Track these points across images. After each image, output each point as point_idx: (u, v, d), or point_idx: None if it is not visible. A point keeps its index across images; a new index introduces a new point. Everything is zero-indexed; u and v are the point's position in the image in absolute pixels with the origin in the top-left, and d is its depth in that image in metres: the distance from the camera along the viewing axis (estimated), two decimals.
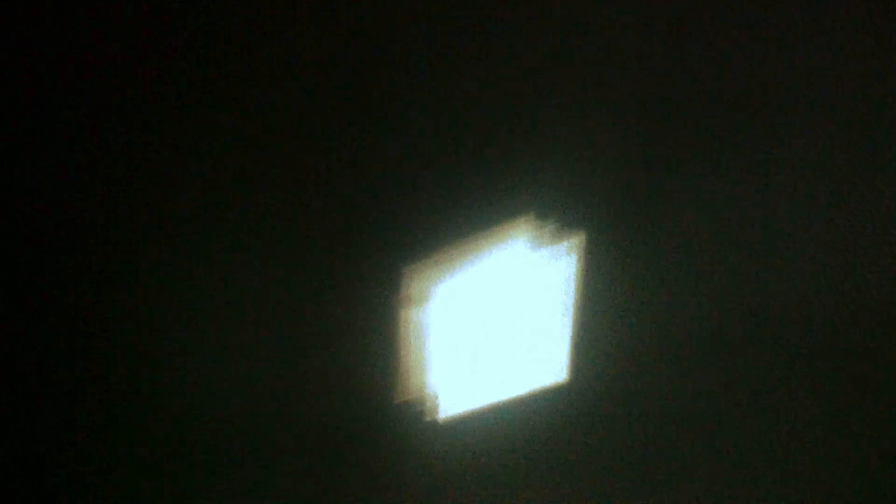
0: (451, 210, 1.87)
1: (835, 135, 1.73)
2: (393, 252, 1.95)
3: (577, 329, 2.09)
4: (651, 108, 1.69)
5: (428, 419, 2.33)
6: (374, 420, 2.34)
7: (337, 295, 2.03)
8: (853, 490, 2.53)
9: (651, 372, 2.21)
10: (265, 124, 1.72)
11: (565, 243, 1.92)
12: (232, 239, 1.92)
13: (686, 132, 1.73)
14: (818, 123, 1.71)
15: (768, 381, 2.23)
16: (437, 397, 2.26)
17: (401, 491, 2.57)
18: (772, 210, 1.86)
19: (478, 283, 1.99)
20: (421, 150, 1.77)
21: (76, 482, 2.52)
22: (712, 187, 1.82)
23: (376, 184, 1.83)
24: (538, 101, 1.69)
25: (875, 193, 1.82)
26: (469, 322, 2.07)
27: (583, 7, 1.55)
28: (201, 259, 1.96)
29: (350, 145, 1.76)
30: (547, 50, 1.61)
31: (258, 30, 1.60)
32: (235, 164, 1.79)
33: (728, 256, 1.95)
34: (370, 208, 1.87)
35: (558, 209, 1.87)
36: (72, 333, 2.11)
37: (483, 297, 2.02)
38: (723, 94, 1.67)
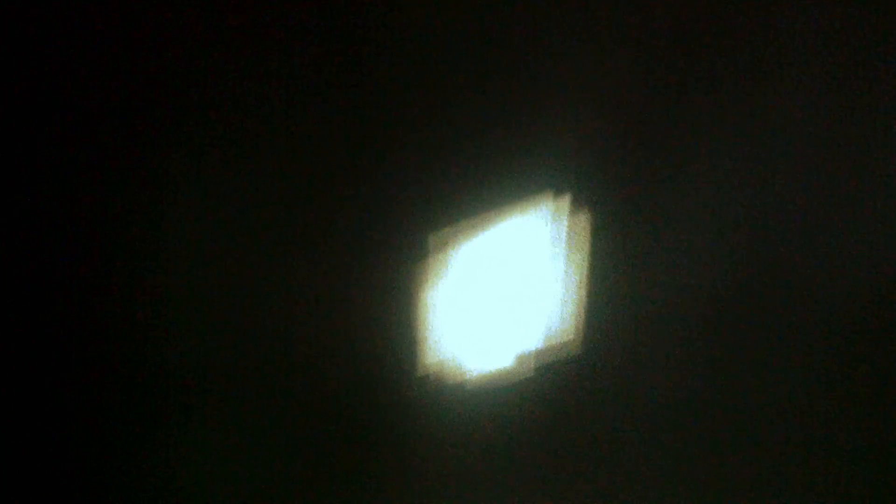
0: (467, 184, 1.89)
1: (838, 105, 1.73)
2: (406, 228, 1.97)
3: (588, 297, 2.12)
4: (655, 77, 1.69)
5: (444, 386, 2.37)
6: (393, 387, 2.39)
7: (359, 269, 2.07)
8: (853, 460, 2.56)
9: (659, 340, 2.23)
10: (295, 100, 1.74)
11: (575, 214, 1.94)
12: (259, 211, 1.95)
13: (690, 101, 1.73)
14: (822, 94, 1.71)
15: (774, 348, 2.25)
16: (453, 364, 2.30)
17: (413, 456, 2.62)
18: (775, 181, 1.86)
19: (490, 255, 2.02)
20: (433, 128, 1.78)
21: (79, 444, 2.60)
22: (717, 155, 1.83)
23: (394, 164, 1.85)
24: (546, 82, 1.69)
25: (879, 167, 1.82)
26: (480, 292, 2.10)
27: None
28: (229, 232, 1.99)
29: (375, 134, 1.78)
30: (548, 30, 1.61)
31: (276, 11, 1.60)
32: (267, 139, 1.81)
33: (733, 222, 1.96)
34: (391, 186, 1.89)
35: (567, 180, 1.88)
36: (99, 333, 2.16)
37: (494, 268, 2.05)
38: (725, 64, 1.66)
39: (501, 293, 2.10)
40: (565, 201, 1.91)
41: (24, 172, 1.84)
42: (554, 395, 2.40)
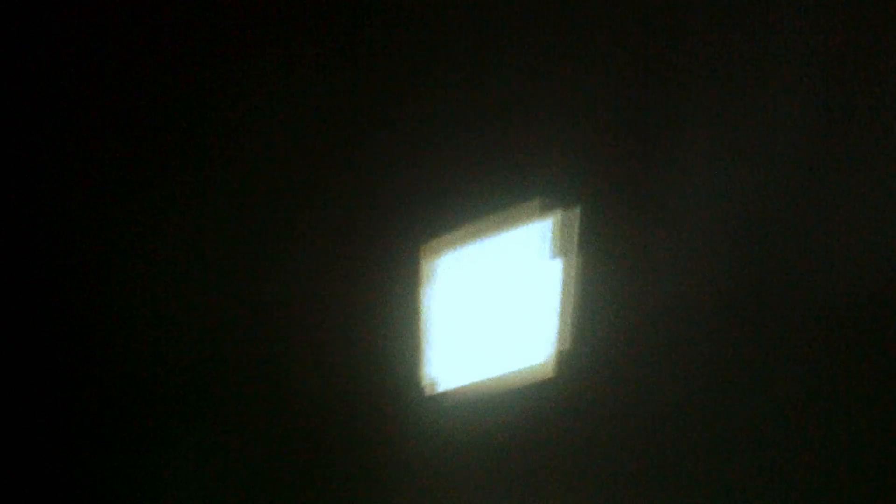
0: (457, 194, 1.89)
1: (838, 102, 1.73)
2: (400, 235, 1.97)
3: (586, 303, 2.12)
4: (652, 77, 1.70)
5: (440, 394, 2.37)
6: (389, 395, 2.38)
7: (355, 275, 2.07)
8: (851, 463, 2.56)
9: (659, 344, 2.23)
10: (287, 106, 1.74)
11: (572, 218, 1.94)
12: (254, 219, 1.95)
13: (687, 102, 1.73)
14: (821, 92, 1.71)
15: (767, 363, 2.24)
16: (449, 372, 2.30)
17: (401, 465, 2.62)
18: (775, 181, 1.86)
19: (485, 262, 2.02)
20: (426, 138, 1.79)
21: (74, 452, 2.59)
22: (716, 156, 1.83)
23: (388, 169, 1.85)
24: (542, 84, 1.69)
25: (879, 164, 1.82)
26: (476, 300, 2.10)
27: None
28: (225, 237, 1.99)
29: (368, 138, 1.78)
30: (544, 29, 1.62)
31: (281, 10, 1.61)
32: (262, 142, 1.81)
33: (724, 233, 1.96)
34: (385, 193, 1.89)
35: (563, 184, 1.88)
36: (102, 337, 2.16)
37: (491, 275, 2.05)
38: (724, 62, 1.67)
39: (498, 300, 2.10)
40: (562, 206, 1.91)
41: (24, 172, 1.84)
42: (553, 400, 2.39)
